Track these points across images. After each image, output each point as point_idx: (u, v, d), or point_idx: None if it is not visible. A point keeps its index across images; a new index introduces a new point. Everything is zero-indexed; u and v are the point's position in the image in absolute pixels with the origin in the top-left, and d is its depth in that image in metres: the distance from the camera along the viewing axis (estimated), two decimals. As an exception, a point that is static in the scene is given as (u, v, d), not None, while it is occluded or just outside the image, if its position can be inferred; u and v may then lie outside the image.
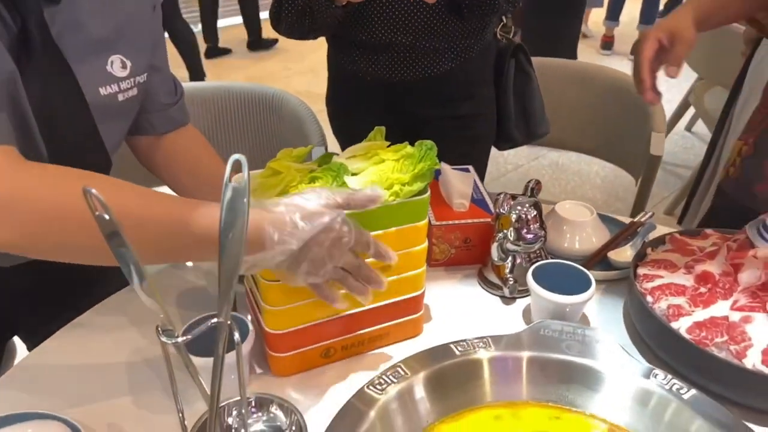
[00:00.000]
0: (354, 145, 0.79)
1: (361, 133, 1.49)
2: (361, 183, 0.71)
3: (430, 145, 0.74)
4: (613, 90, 1.72)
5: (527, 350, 0.75)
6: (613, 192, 2.71)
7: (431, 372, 0.72)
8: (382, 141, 0.78)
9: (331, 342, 0.78)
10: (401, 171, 0.73)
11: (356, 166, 0.74)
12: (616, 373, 0.71)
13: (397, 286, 0.78)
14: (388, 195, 0.71)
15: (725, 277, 0.76)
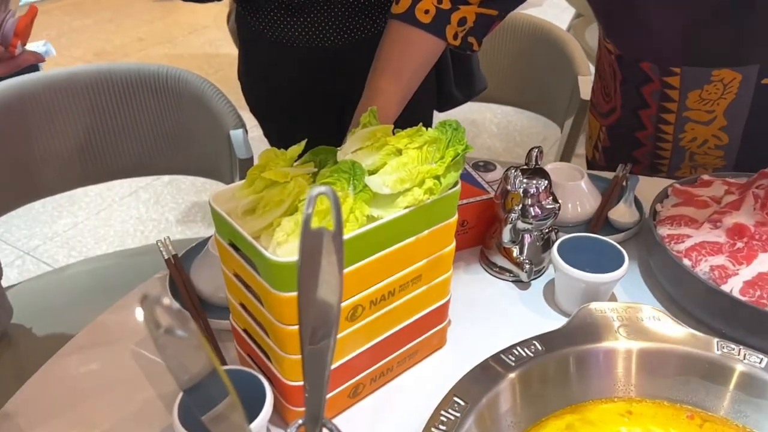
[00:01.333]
0: (352, 134, 0.64)
1: (284, 109, 1.33)
2: (386, 184, 0.56)
3: (456, 125, 0.61)
4: (532, 38, 1.67)
5: (585, 344, 0.66)
6: (510, 138, 2.72)
7: (494, 395, 0.61)
8: (386, 126, 0.63)
9: (360, 378, 0.63)
10: (428, 161, 0.59)
11: (369, 162, 0.59)
12: (694, 352, 0.64)
13: (425, 296, 0.66)
14: (421, 193, 0.57)
15: (761, 227, 0.72)
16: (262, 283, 0.52)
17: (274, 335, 0.55)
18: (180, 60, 3.77)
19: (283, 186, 0.55)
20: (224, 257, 0.59)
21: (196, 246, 0.86)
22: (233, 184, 0.58)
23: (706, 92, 0.89)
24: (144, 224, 2.42)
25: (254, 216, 0.54)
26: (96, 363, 0.71)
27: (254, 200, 0.55)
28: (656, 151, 1.03)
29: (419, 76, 0.86)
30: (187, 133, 1.36)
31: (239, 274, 0.57)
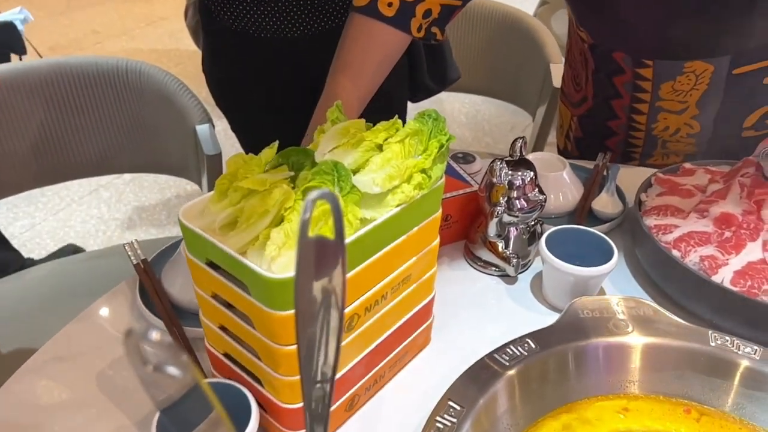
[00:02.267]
0: (321, 131, 0.60)
1: (252, 102, 1.27)
2: (376, 182, 0.53)
3: (435, 115, 0.58)
4: (502, 26, 1.65)
5: (579, 341, 0.64)
6: (479, 128, 2.72)
7: (490, 397, 0.59)
8: (358, 120, 0.59)
9: (356, 389, 0.60)
10: (412, 154, 0.56)
11: (349, 161, 0.55)
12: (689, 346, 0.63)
13: (413, 295, 0.63)
14: (411, 189, 0.54)
15: (748, 216, 0.71)
16: (253, 304, 0.47)
17: (270, 357, 0.51)
18: (138, 53, 3.65)
19: (263, 195, 0.50)
20: (199, 278, 0.54)
21: (166, 249, 0.81)
22: (202, 197, 0.53)
23: (678, 83, 0.88)
24: (106, 224, 2.33)
25: (236, 231, 0.49)
26: (61, 380, 0.66)
27: (232, 213, 0.50)
28: (629, 140, 1.02)
29: (382, 72, 0.83)
30: (150, 130, 1.30)
31: (220, 295, 0.53)
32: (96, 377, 0.66)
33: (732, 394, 0.62)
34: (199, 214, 0.52)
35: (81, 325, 0.73)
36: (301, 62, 1.17)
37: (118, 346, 0.70)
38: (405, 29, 0.80)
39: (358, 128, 0.58)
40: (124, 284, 0.78)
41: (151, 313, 0.71)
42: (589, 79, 0.99)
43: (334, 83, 0.82)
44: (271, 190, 0.50)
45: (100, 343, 0.70)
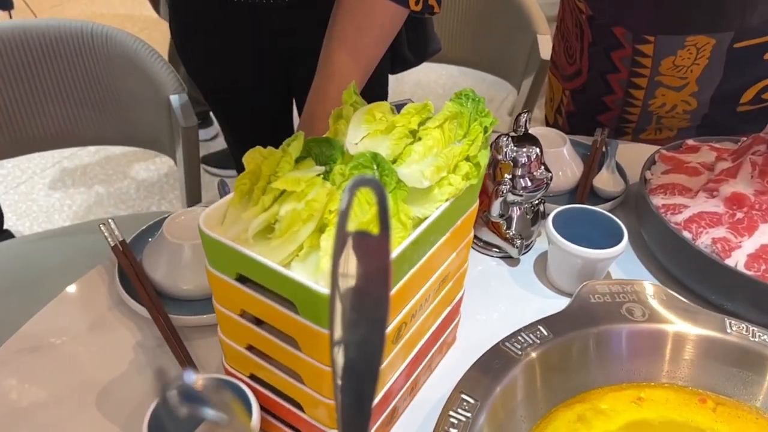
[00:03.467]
0: (338, 116, 0.54)
1: (225, 71, 1.21)
2: (426, 175, 0.47)
3: (473, 95, 0.53)
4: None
5: (592, 327, 0.61)
6: (458, 100, 2.66)
7: (505, 388, 0.56)
8: (381, 102, 0.54)
9: (396, 401, 0.56)
10: (452, 141, 0.51)
11: (383, 150, 0.49)
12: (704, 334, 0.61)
13: (448, 295, 0.59)
14: (460, 180, 0.49)
15: (760, 196, 0.69)
16: (301, 324, 0.42)
17: (317, 381, 0.45)
18: (99, 18, 3.47)
19: (299, 196, 0.44)
20: (224, 295, 0.47)
21: (145, 229, 0.75)
22: (221, 202, 0.47)
23: (679, 58, 0.85)
24: (71, 198, 2.23)
25: (276, 240, 0.43)
26: (33, 375, 0.61)
27: (267, 219, 0.45)
28: (623, 115, 0.99)
29: (381, 48, 0.78)
30: (118, 99, 1.22)
31: (251, 313, 0.47)
32: (72, 370, 0.61)
33: (749, 384, 0.60)
34: (220, 221, 0.46)
35: (52, 313, 0.67)
36: (282, 31, 1.11)
37: (95, 335, 0.64)
38: (404, 3, 0.75)
39: (383, 112, 0.52)
40: (101, 268, 0.72)
41: (133, 299, 0.65)
42: (584, 52, 0.95)
43: (332, 59, 0.76)
44: (307, 190, 0.44)
45: (76, 333, 0.65)
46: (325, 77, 0.76)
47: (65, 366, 0.61)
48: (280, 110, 1.33)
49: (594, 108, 1.00)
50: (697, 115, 0.93)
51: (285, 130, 1.39)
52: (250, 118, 1.31)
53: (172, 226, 0.69)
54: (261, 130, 1.35)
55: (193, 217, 0.70)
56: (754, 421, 0.58)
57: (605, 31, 0.91)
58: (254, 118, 1.32)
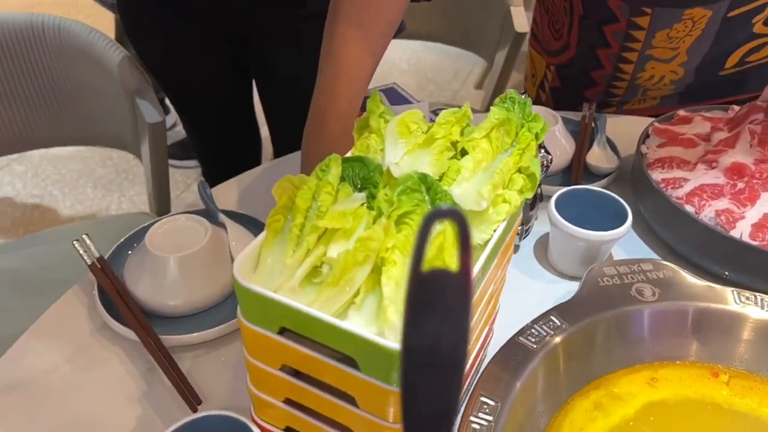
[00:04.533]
0: (363, 126, 0.50)
1: (178, 57, 1.14)
2: (484, 196, 0.43)
3: (518, 96, 0.49)
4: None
5: (605, 312, 0.59)
6: (422, 75, 2.62)
7: (524, 385, 0.54)
8: (414, 111, 0.49)
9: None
10: (500, 150, 0.47)
11: (426, 168, 0.45)
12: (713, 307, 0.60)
13: (490, 314, 0.56)
14: (516, 196, 0.45)
15: (760, 164, 0.68)
16: (363, 381, 0.38)
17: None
18: (39, 7, 3.28)
19: (348, 233, 0.40)
20: (261, 350, 0.42)
21: (124, 242, 0.70)
22: (251, 245, 0.41)
23: (674, 31, 0.83)
24: (24, 202, 2.12)
25: (328, 288, 0.38)
26: (9, 423, 0.55)
27: (313, 263, 0.40)
28: (609, 90, 0.97)
29: (390, 35, 0.71)
30: (76, 97, 1.14)
31: (295, 368, 0.42)
32: (55, 409, 0.55)
33: (757, 354, 0.59)
34: (253, 267, 0.41)
35: (25, 346, 0.61)
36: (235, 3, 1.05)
37: (78, 366, 0.59)
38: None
39: (417, 121, 0.48)
40: (78, 288, 0.66)
41: (118, 321, 0.61)
42: (574, 25, 0.92)
43: (340, 47, 0.66)
44: (355, 225, 0.40)
45: (56, 366, 0.59)
46: (333, 70, 0.67)
47: (47, 405, 0.56)
48: (239, 100, 1.27)
49: (580, 83, 0.97)
50: (682, 84, 0.92)
51: (246, 120, 1.33)
52: (206, 107, 1.25)
53: (155, 237, 0.64)
54: (220, 120, 1.29)
55: (177, 226, 0.65)
56: (766, 389, 0.58)
57: (599, 4, 0.88)
58: (211, 108, 1.26)
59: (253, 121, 1.36)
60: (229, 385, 0.58)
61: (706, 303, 0.61)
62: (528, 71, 1.11)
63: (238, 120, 1.31)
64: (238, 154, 1.35)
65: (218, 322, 0.61)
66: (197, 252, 0.62)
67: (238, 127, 1.33)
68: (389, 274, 0.38)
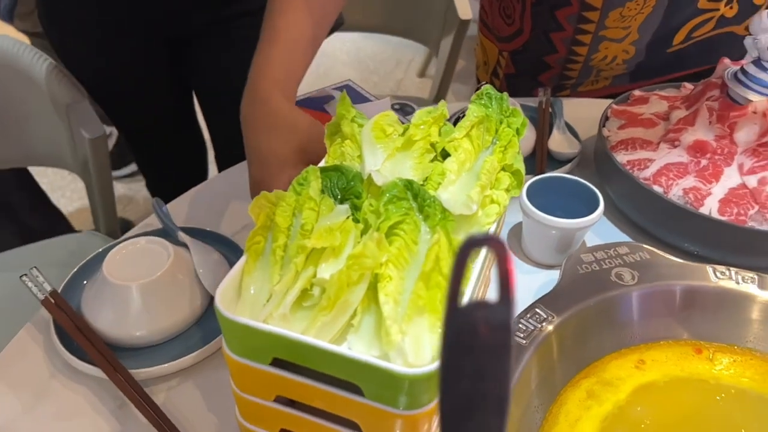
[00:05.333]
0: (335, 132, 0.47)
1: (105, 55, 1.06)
2: (471, 199, 0.41)
3: (493, 92, 0.48)
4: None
5: (588, 300, 0.59)
6: (364, 67, 2.59)
7: (519, 383, 0.52)
8: (386, 113, 0.47)
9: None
10: (482, 149, 0.46)
11: (407, 173, 0.44)
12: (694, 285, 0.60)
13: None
14: (504, 195, 0.44)
15: (721, 140, 0.69)
16: (368, 406, 0.35)
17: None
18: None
19: (337, 250, 0.37)
20: (253, 382, 0.39)
21: (78, 272, 0.65)
22: (232, 272, 0.38)
23: (627, 9, 0.83)
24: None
25: (323, 313, 0.36)
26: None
27: (302, 287, 0.37)
28: (564, 72, 0.97)
29: (332, 12, 0.68)
30: (7, 114, 1.05)
31: (291, 398, 0.39)
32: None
33: (738, 326, 0.61)
34: (237, 295, 0.38)
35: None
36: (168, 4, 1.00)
37: (40, 413, 0.54)
38: None
39: (392, 123, 0.46)
40: (31, 326, 0.61)
41: (80, 359, 0.56)
42: (526, 11, 0.91)
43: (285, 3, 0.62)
44: (343, 241, 0.37)
45: (15, 416, 0.54)
46: (271, 33, 0.61)
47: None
48: (180, 107, 1.21)
49: (535, 68, 0.97)
50: (633, 62, 0.93)
51: (189, 127, 1.27)
52: (145, 118, 1.18)
53: (113, 264, 0.59)
54: (162, 130, 1.22)
55: (136, 250, 0.61)
56: (749, 362, 0.59)
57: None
58: (152, 118, 1.19)
59: (196, 128, 1.30)
60: (210, 415, 0.55)
61: (683, 281, 0.61)
62: (479, 59, 1.11)
63: (180, 128, 1.25)
64: (183, 164, 1.29)
65: (191, 349, 0.57)
66: (161, 277, 0.58)
67: (181, 136, 1.26)
68: (386, 291, 0.36)
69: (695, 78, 0.84)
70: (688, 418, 0.54)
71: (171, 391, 0.56)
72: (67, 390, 0.56)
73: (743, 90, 0.68)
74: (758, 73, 0.67)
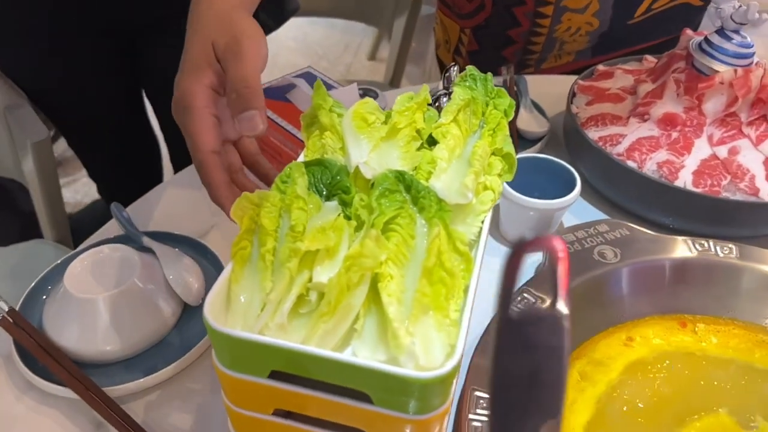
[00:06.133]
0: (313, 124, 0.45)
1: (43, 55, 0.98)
2: (467, 186, 0.39)
3: (477, 73, 0.46)
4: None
5: (575, 278, 0.59)
6: (312, 52, 2.54)
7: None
8: (366, 100, 0.45)
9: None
10: (470, 133, 0.44)
11: (395, 163, 0.41)
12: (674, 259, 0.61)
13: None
14: (497, 181, 0.42)
15: (690, 112, 0.69)
16: (377, 414, 0.33)
17: None
18: None
19: (332, 251, 0.35)
20: (248, 396, 0.36)
21: (36, 287, 0.60)
22: (220, 281, 0.35)
23: None
24: None
25: (324, 319, 0.33)
26: None
27: (299, 293, 0.35)
28: (527, 47, 0.96)
29: None
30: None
31: (291, 410, 0.37)
32: None
33: (717, 297, 0.61)
34: (226, 306, 0.35)
35: None
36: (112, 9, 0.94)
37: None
38: None
39: (373, 111, 0.43)
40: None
41: (48, 381, 0.52)
42: None
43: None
44: (338, 241, 0.35)
45: None
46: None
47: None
48: (130, 110, 1.14)
49: (498, 43, 0.96)
50: (596, 35, 0.93)
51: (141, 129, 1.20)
52: (94, 122, 1.10)
53: (74, 278, 0.55)
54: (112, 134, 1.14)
55: (100, 260, 0.57)
56: (732, 332, 0.60)
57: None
58: (103, 123, 1.11)
59: (148, 128, 1.23)
60: (197, 429, 0.52)
61: (664, 255, 0.61)
62: (439, 38, 1.09)
63: (132, 130, 1.18)
64: (137, 166, 1.22)
65: (168, 360, 0.54)
66: (129, 287, 0.55)
67: (133, 137, 1.19)
68: (388, 291, 0.34)
69: (655, 50, 0.84)
70: (680, 392, 0.55)
71: (150, 406, 0.53)
72: (36, 414, 0.52)
73: (708, 60, 0.68)
74: (722, 43, 0.68)
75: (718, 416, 0.52)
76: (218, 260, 0.63)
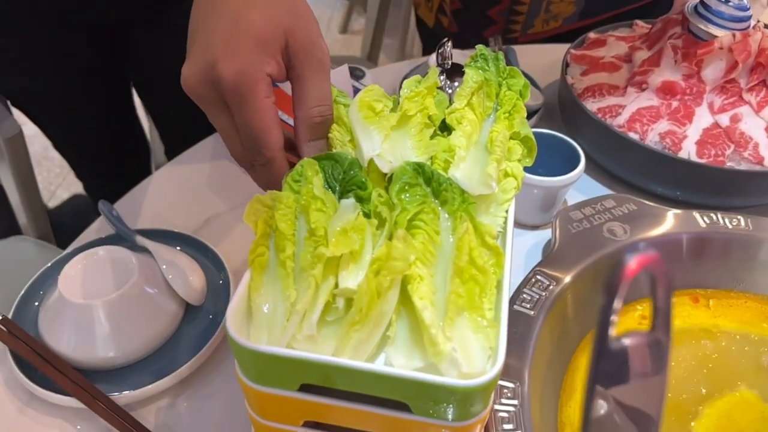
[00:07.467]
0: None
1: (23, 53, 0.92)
2: (490, 176, 0.37)
3: (488, 53, 0.44)
4: None
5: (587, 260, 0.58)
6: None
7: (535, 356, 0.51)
8: (372, 87, 0.42)
9: None
10: (484, 117, 0.42)
11: (409, 153, 0.39)
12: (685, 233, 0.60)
13: None
14: (518, 168, 0.41)
15: (689, 79, 0.68)
16: (415, 422, 0.32)
17: None
18: None
19: (356, 255, 0.33)
20: (277, 410, 0.35)
21: (26, 295, 0.57)
22: (239, 293, 0.33)
23: None
24: None
25: (356, 328, 0.31)
26: None
27: (325, 301, 0.32)
28: (513, 7, 0.94)
29: None
30: None
31: (324, 421, 0.35)
32: None
33: (729, 270, 0.61)
34: (247, 317, 0.33)
35: None
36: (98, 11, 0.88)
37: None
38: None
39: (379, 98, 0.41)
40: (-17, 365, 0.54)
41: (51, 391, 0.50)
42: None
43: None
44: (362, 243, 0.33)
45: None
46: None
47: None
48: (119, 106, 1.09)
49: (483, 1, 0.93)
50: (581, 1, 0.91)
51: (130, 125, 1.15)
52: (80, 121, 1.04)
53: (69, 282, 0.53)
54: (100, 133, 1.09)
55: (94, 262, 0.54)
56: (744, 305, 0.60)
57: None
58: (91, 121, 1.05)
59: (137, 125, 1.17)
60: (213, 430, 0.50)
61: (673, 230, 0.61)
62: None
63: (122, 126, 1.12)
64: (125, 164, 1.17)
65: (177, 362, 0.52)
66: (129, 290, 0.52)
67: (123, 134, 1.14)
68: (420, 294, 0.32)
69: (641, 12, 0.82)
70: (698, 370, 0.54)
71: (162, 412, 0.51)
72: (41, 426, 0.50)
73: (705, 24, 0.67)
74: (719, 6, 0.67)
75: (741, 393, 0.52)
76: (217, 256, 0.60)
